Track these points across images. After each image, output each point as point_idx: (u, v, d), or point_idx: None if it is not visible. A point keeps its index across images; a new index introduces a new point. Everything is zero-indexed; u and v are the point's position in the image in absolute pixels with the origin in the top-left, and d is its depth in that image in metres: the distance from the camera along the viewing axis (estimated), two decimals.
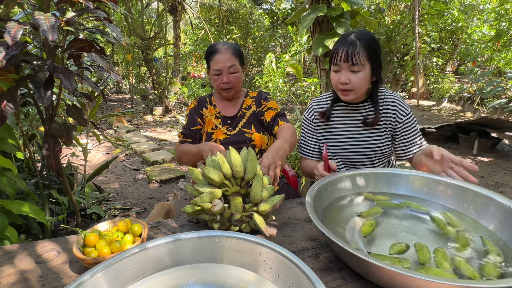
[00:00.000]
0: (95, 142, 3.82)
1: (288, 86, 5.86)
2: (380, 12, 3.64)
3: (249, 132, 1.50)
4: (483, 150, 4.49)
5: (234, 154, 0.91)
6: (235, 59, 1.44)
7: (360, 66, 1.16)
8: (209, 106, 1.56)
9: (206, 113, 1.55)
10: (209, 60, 1.45)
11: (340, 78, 1.20)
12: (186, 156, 1.40)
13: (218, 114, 1.55)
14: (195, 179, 0.95)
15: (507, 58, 8.58)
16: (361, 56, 1.15)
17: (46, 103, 1.16)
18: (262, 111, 1.51)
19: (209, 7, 10.37)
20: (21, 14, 1.33)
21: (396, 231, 0.83)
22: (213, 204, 0.84)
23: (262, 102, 1.54)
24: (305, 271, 0.54)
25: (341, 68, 1.20)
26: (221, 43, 1.46)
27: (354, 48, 1.15)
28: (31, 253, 0.82)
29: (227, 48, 1.43)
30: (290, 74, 9.95)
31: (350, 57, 1.15)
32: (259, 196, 0.88)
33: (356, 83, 1.18)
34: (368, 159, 1.31)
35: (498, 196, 0.83)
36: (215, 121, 1.53)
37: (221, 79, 1.43)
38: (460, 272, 0.66)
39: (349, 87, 1.19)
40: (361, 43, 1.15)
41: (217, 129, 1.51)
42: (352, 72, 1.18)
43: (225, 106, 1.57)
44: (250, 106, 1.56)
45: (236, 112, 1.55)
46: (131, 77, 8.39)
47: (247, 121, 1.52)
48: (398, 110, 1.27)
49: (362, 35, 1.18)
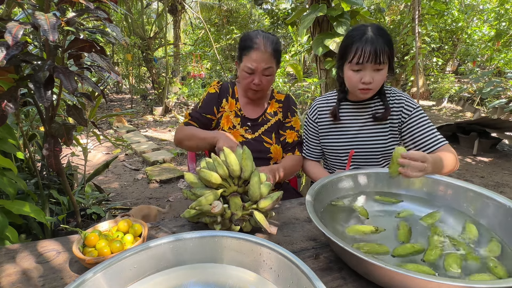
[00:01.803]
0: (95, 142, 3.82)
1: (288, 86, 5.85)
2: (380, 12, 3.64)
3: (269, 142, 1.38)
4: (483, 150, 4.49)
5: (230, 154, 0.91)
6: (273, 60, 1.28)
7: (384, 64, 1.13)
8: (230, 99, 1.40)
9: (225, 107, 1.39)
10: (243, 52, 1.28)
11: (362, 78, 1.14)
12: (190, 140, 1.29)
13: (238, 112, 1.39)
14: (191, 183, 0.93)
15: (507, 58, 8.58)
16: (385, 53, 1.11)
17: (46, 103, 1.16)
18: (285, 126, 1.42)
19: (209, 7, 10.36)
20: (22, 15, 1.33)
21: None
22: (212, 205, 0.84)
23: (289, 116, 1.43)
24: (305, 271, 0.54)
25: (364, 68, 1.14)
26: (261, 35, 1.27)
27: (379, 46, 1.09)
28: (31, 253, 0.82)
29: (268, 45, 1.25)
30: (290, 74, 9.94)
31: (378, 56, 1.10)
32: (258, 193, 0.88)
33: (378, 82, 1.16)
34: (374, 158, 1.29)
35: (498, 196, 0.83)
36: (234, 120, 1.38)
37: (252, 78, 1.28)
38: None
39: (371, 86, 1.16)
40: (383, 41, 1.11)
41: (234, 130, 1.37)
42: (376, 71, 1.14)
43: (247, 103, 1.42)
44: (276, 112, 1.43)
45: (259, 115, 1.41)
46: (131, 77, 8.39)
47: (269, 128, 1.40)
48: (404, 106, 1.23)
49: (380, 31, 1.13)
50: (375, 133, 1.27)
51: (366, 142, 1.28)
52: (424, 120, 1.21)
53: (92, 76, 4.23)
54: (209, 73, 8.89)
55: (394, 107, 1.25)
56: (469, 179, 3.59)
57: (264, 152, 1.36)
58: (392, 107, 1.25)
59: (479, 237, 0.79)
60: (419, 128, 1.20)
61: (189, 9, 9.42)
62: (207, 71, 9.20)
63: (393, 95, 1.27)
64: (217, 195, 0.88)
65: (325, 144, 1.37)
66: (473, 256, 0.71)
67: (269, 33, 1.33)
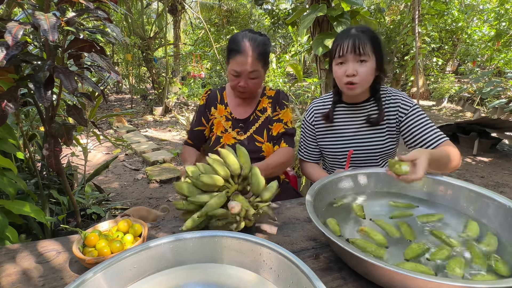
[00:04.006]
0: (95, 142, 3.82)
1: (288, 86, 5.85)
2: (380, 12, 3.65)
3: (260, 140, 1.38)
4: (483, 150, 4.49)
5: (228, 155, 0.92)
6: (258, 63, 1.28)
7: (367, 56, 1.14)
8: (219, 106, 1.43)
9: (215, 114, 1.42)
10: (230, 55, 1.29)
11: (346, 70, 1.15)
12: (184, 163, 1.42)
13: (229, 115, 1.42)
14: (185, 193, 0.90)
15: (507, 58, 8.58)
16: (367, 46, 1.13)
17: (46, 103, 1.16)
18: (273, 119, 1.40)
19: (209, 7, 10.36)
20: (22, 15, 1.33)
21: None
22: (230, 207, 0.82)
23: (277, 109, 1.42)
24: (305, 271, 0.54)
25: (347, 60, 1.15)
26: (248, 38, 1.26)
27: (359, 38, 1.13)
28: (31, 253, 0.82)
29: (252, 49, 1.25)
30: (290, 74, 9.94)
31: (358, 47, 1.12)
32: (262, 186, 0.91)
33: (363, 75, 1.15)
34: (372, 159, 1.28)
35: (498, 196, 0.83)
36: (225, 124, 1.41)
37: (238, 81, 1.30)
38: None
39: (356, 79, 1.15)
40: (365, 35, 1.15)
41: (226, 133, 1.39)
42: (360, 62, 1.15)
43: (238, 105, 1.44)
44: (266, 108, 1.42)
45: (249, 114, 1.42)
46: (131, 77, 8.39)
47: (260, 126, 1.40)
48: (400, 106, 1.23)
49: (364, 29, 1.18)
50: (372, 134, 1.27)
51: (363, 144, 1.27)
52: (422, 117, 1.21)
53: (92, 76, 4.23)
54: (209, 73, 8.89)
55: (390, 107, 1.25)
56: (469, 179, 3.59)
57: (256, 151, 1.36)
58: (388, 107, 1.25)
59: (480, 234, 0.79)
60: (418, 126, 1.20)
61: (189, 9, 9.43)
62: (207, 71, 9.20)
63: (388, 95, 1.26)
64: (224, 197, 0.87)
65: (322, 146, 1.37)
66: (476, 254, 0.71)
67: (258, 34, 1.32)
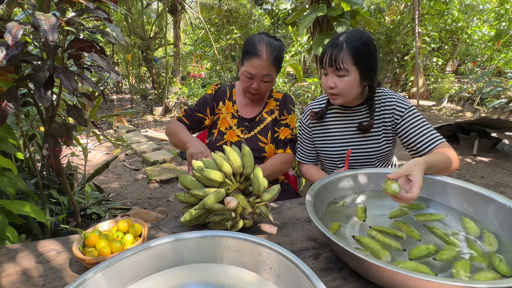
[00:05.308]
0: (95, 142, 3.82)
1: (288, 86, 5.86)
2: (380, 12, 3.65)
3: (264, 141, 1.40)
4: (483, 150, 4.49)
5: (231, 152, 0.93)
6: (273, 68, 1.30)
7: (344, 71, 1.12)
8: (227, 102, 1.44)
9: (222, 109, 1.44)
10: (245, 56, 1.30)
11: (328, 81, 1.17)
12: (172, 135, 1.37)
13: (236, 113, 1.43)
14: (188, 185, 0.93)
15: (507, 58, 8.58)
16: (346, 61, 1.10)
17: (46, 103, 1.16)
18: (281, 123, 1.43)
19: (209, 7, 10.36)
20: (22, 15, 1.33)
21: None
22: (227, 201, 0.83)
23: (284, 113, 1.44)
24: (305, 271, 0.54)
25: (328, 72, 1.17)
26: (265, 42, 1.28)
27: (338, 52, 1.11)
28: (31, 253, 0.82)
29: (268, 53, 1.27)
30: (290, 74, 9.95)
31: (334, 61, 1.11)
32: (263, 187, 0.91)
33: (342, 88, 1.15)
34: (369, 161, 1.28)
35: (498, 196, 0.83)
36: (230, 121, 1.42)
37: (251, 83, 1.32)
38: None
39: (335, 91, 1.16)
40: (347, 47, 1.10)
41: (230, 130, 1.41)
42: (338, 76, 1.14)
43: (245, 104, 1.45)
44: (273, 111, 1.45)
45: (256, 114, 1.44)
46: (131, 77, 8.39)
47: (265, 127, 1.42)
48: (395, 108, 1.21)
49: (351, 38, 1.12)
50: (368, 137, 1.26)
51: (359, 146, 1.27)
52: (418, 119, 1.19)
53: (92, 76, 4.23)
54: (209, 73, 8.90)
55: (386, 109, 1.23)
56: (469, 179, 3.59)
57: (258, 151, 1.38)
58: (384, 109, 1.23)
59: (480, 234, 0.79)
60: (414, 128, 1.18)
61: (189, 9, 9.43)
62: (207, 71, 9.20)
63: (384, 97, 1.24)
64: (223, 193, 0.88)
65: (319, 148, 1.37)
66: (479, 253, 0.72)
67: (274, 38, 1.33)
